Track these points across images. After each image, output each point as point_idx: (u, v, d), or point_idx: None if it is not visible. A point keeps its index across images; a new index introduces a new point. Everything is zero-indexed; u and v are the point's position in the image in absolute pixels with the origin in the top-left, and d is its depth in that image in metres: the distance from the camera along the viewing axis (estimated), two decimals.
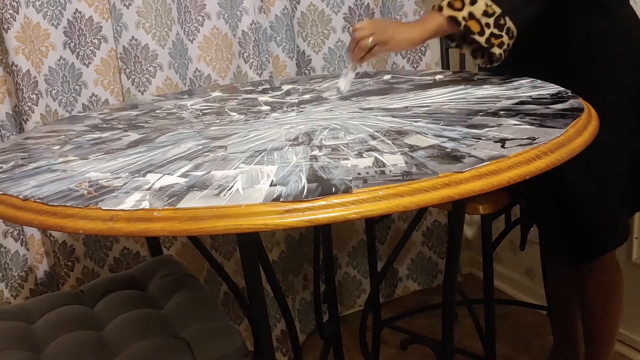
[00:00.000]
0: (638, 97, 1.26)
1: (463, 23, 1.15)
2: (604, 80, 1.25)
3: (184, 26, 1.72)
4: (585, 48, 1.25)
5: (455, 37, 1.24)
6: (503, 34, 1.15)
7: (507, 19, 1.14)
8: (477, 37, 1.15)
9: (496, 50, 1.16)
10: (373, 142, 0.90)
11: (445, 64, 1.88)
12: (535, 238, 1.59)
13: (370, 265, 1.80)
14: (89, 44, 1.64)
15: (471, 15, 1.14)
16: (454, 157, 0.79)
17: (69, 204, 0.76)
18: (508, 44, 1.16)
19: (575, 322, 1.61)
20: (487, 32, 1.15)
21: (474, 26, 1.15)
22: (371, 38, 1.18)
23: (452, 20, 1.15)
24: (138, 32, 1.64)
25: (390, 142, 0.89)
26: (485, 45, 1.16)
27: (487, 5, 1.14)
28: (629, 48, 1.26)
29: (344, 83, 1.27)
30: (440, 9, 1.17)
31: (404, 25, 1.31)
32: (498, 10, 1.14)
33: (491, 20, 1.14)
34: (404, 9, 1.96)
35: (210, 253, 1.51)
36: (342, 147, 0.89)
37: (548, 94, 1.11)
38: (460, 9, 1.15)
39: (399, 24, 1.29)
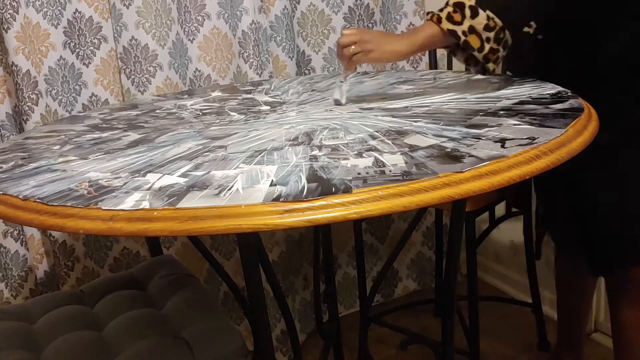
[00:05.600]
0: None
1: (463, 38, 1.10)
2: None
3: (184, 26, 1.72)
4: (625, 56, 1.19)
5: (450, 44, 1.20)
6: (500, 48, 1.12)
7: (506, 32, 1.10)
8: (476, 53, 1.11)
9: (491, 66, 1.14)
10: (373, 142, 0.90)
11: (447, 64, 1.88)
12: (519, 238, 1.60)
13: (358, 264, 1.81)
14: (89, 44, 1.64)
15: (472, 30, 1.09)
16: (454, 157, 0.79)
17: (69, 204, 0.76)
18: (503, 56, 1.14)
19: (581, 327, 1.61)
20: (487, 47, 1.11)
21: (474, 41, 1.10)
22: (353, 46, 1.15)
23: (451, 33, 1.11)
24: (138, 32, 1.64)
25: (390, 142, 0.89)
26: (482, 61, 1.13)
27: (488, 19, 1.09)
28: None
29: (340, 94, 1.23)
30: (439, 20, 1.12)
31: (392, 36, 1.26)
32: (500, 24, 1.09)
33: (492, 35, 1.10)
34: (404, 8, 1.96)
35: (210, 253, 1.51)
36: (342, 147, 0.89)
37: (548, 93, 1.11)
38: (460, 23, 1.09)
39: (387, 35, 1.25)
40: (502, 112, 1.01)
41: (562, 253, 1.56)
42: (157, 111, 1.36)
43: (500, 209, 1.76)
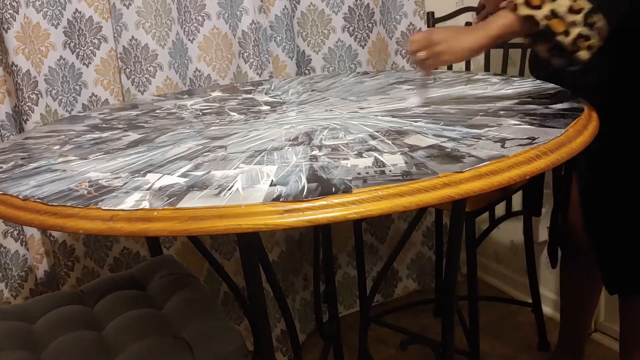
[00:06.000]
0: None
1: (544, 22, 0.98)
2: None
3: (184, 26, 1.72)
4: None
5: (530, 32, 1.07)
6: (594, 33, 0.97)
7: (599, 16, 0.96)
8: (561, 38, 0.97)
9: (583, 55, 0.98)
10: (373, 142, 0.90)
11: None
12: (519, 238, 1.59)
13: (358, 264, 1.80)
14: (89, 44, 1.64)
15: (554, 13, 0.97)
16: (454, 157, 0.79)
17: (69, 204, 0.76)
18: (598, 47, 0.99)
19: (584, 329, 1.61)
20: (574, 32, 0.97)
21: (557, 25, 0.97)
22: (424, 52, 1.07)
23: (528, 19, 0.99)
24: (138, 32, 1.64)
25: (390, 142, 0.89)
26: (571, 49, 0.98)
27: (572, 0, 0.96)
28: None
29: (419, 95, 1.19)
30: (514, 7, 1.01)
31: (463, 31, 1.12)
32: (587, 6, 0.96)
33: (579, 18, 0.96)
34: (404, 8, 1.96)
35: (210, 253, 1.51)
36: (342, 147, 0.89)
37: (548, 93, 1.11)
38: (539, 7, 0.98)
39: (458, 30, 1.10)
40: (502, 112, 1.01)
41: (570, 254, 1.54)
42: (157, 111, 1.36)
43: (500, 209, 1.76)
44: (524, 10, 0.99)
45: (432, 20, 1.89)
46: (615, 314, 1.79)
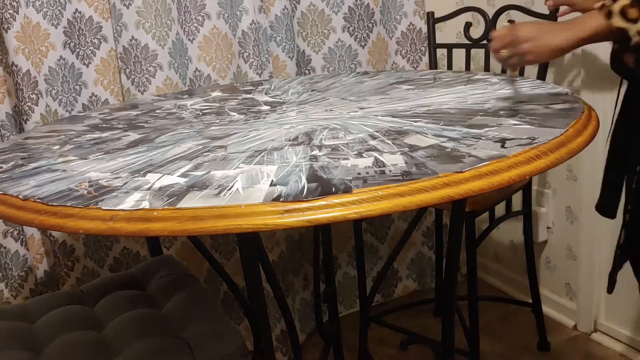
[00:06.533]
0: None
1: (637, 38, 0.93)
2: None
3: (184, 26, 1.72)
4: None
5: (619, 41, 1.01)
6: None
7: None
8: None
9: None
10: (373, 142, 0.90)
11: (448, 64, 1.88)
12: (519, 238, 1.58)
13: (358, 264, 1.80)
14: (89, 44, 1.64)
15: None
16: (454, 157, 0.78)
17: (69, 204, 0.76)
18: None
19: None
20: None
21: None
22: (506, 50, 1.04)
23: (621, 32, 0.93)
24: (138, 32, 1.64)
25: (390, 142, 0.89)
26: None
27: None
28: None
29: (510, 90, 1.15)
30: (609, 14, 0.94)
31: (550, 29, 1.04)
32: None
33: None
34: (404, 8, 1.96)
35: (210, 253, 1.51)
36: (342, 147, 0.89)
37: (548, 94, 1.11)
38: (636, 21, 0.91)
39: (544, 28, 1.02)
40: (502, 112, 1.01)
41: None
42: (157, 111, 1.36)
43: (500, 209, 1.76)
44: (618, 22, 0.93)
45: (432, 20, 1.89)
46: (615, 314, 1.80)
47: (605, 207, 1.27)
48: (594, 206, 1.33)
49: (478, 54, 1.95)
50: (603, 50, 1.57)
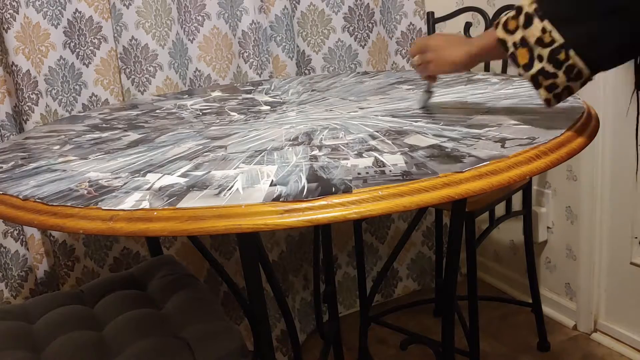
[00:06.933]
0: None
1: (511, 50, 0.87)
2: None
3: (184, 26, 1.72)
4: None
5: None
6: (559, 72, 0.83)
7: (571, 53, 0.82)
8: (521, 71, 0.87)
9: (542, 94, 0.87)
10: (373, 142, 0.90)
11: None
12: (519, 238, 1.58)
13: (358, 264, 1.80)
14: (89, 44, 1.64)
15: (523, 42, 0.86)
16: (454, 157, 0.78)
17: (69, 204, 0.76)
18: (566, 87, 0.85)
19: None
20: (536, 66, 0.85)
21: (521, 56, 0.86)
22: (417, 56, 1.06)
23: (501, 43, 0.89)
24: (138, 32, 1.64)
25: (390, 142, 0.89)
26: (530, 83, 0.88)
27: (543, 31, 0.83)
28: None
29: (420, 101, 1.14)
30: (496, 26, 0.90)
31: (454, 42, 1.03)
32: (559, 40, 0.82)
33: (545, 52, 0.83)
34: (404, 8, 1.96)
35: (210, 253, 1.51)
36: (342, 147, 0.89)
37: None
38: (513, 32, 0.87)
39: (450, 40, 1.02)
40: (502, 112, 1.01)
41: None
42: (157, 111, 1.36)
43: (500, 209, 1.76)
44: (500, 33, 0.89)
45: (432, 20, 1.89)
46: (615, 314, 1.80)
47: None
48: (592, 206, 1.32)
49: None
50: None
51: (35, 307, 1.27)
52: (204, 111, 1.30)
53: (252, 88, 1.55)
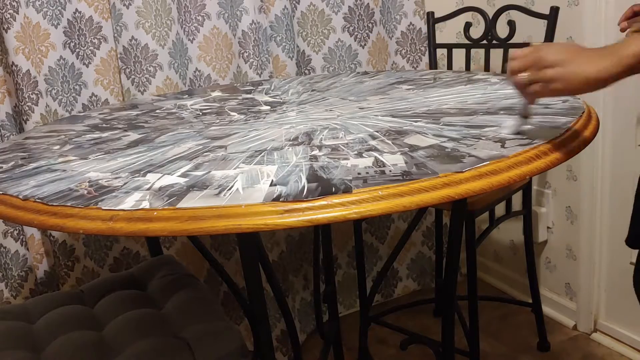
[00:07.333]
0: None
1: None
2: None
3: (184, 26, 1.72)
4: None
5: None
6: None
7: None
8: None
9: None
10: (373, 142, 0.90)
11: (448, 64, 1.88)
12: (519, 238, 1.58)
13: (358, 264, 1.80)
14: (89, 44, 1.64)
15: None
16: (454, 157, 0.78)
17: (69, 204, 0.76)
18: None
19: None
20: None
21: None
22: (527, 73, 0.81)
23: None
24: (138, 32, 1.64)
25: (390, 142, 0.89)
26: None
27: None
28: None
29: (511, 125, 0.91)
30: None
31: (586, 54, 0.79)
32: None
33: None
34: (404, 8, 1.96)
35: (210, 253, 1.51)
36: (342, 147, 0.89)
37: None
38: None
39: (578, 52, 0.79)
40: (502, 112, 1.01)
41: None
42: (157, 111, 1.36)
43: (500, 209, 1.76)
44: None
45: (432, 20, 1.89)
46: (615, 314, 1.80)
47: (637, 239, 1.10)
48: (592, 206, 1.33)
49: (478, 54, 1.95)
50: None
51: (35, 307, 1.27)
52: (204, 111, 1.30)
53: (252, 88, 1.55)
